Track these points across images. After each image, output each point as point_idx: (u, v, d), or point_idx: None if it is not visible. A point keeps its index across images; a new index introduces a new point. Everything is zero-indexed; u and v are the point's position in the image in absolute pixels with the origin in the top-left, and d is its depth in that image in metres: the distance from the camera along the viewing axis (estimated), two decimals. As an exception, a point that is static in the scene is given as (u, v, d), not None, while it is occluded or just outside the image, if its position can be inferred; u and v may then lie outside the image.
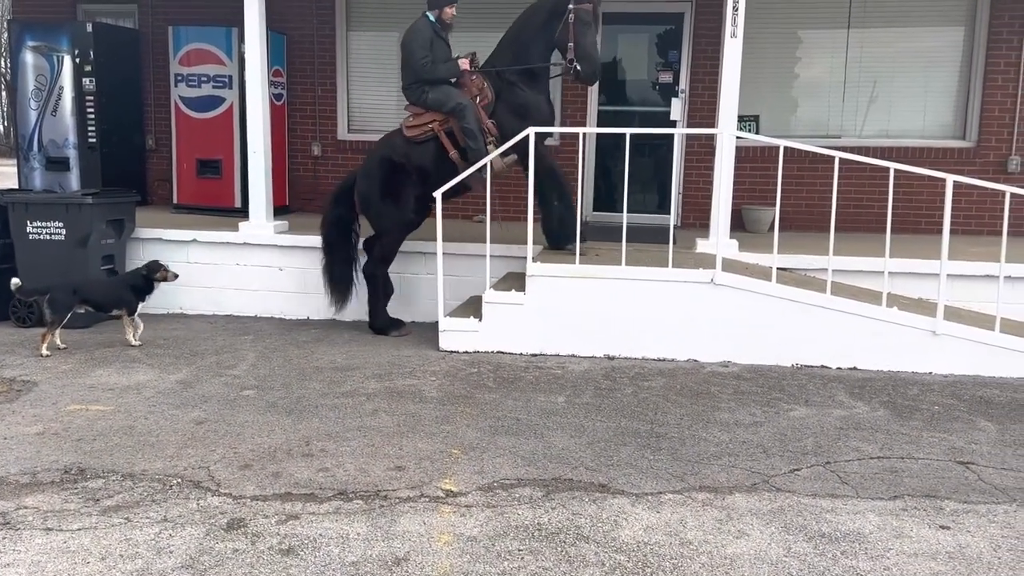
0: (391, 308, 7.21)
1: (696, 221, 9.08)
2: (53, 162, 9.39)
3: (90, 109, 9.32)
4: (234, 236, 7.81)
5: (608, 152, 9.19)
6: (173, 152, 9.49)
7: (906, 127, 9.11)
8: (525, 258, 6.49)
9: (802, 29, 9.20)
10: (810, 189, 8.96)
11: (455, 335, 6.48)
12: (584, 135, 6.48)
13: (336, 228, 7.13)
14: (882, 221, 6.27)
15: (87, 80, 9.25)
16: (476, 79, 6.75)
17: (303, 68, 9.84)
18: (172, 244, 7.88)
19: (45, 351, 6.22)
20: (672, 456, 4.38)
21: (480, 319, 6.46)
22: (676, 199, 9.00)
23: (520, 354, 6.41)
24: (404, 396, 5.34)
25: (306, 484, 3.94)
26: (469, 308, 6.83)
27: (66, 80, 9.27)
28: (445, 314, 6.63)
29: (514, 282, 6.72)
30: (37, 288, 6.50)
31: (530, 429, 4.75)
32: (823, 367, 6.16)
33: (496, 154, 6.45)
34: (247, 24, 7.59)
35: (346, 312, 7.64)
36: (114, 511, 3.64)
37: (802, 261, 6.99)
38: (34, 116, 9.37)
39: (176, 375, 5.76)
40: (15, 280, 6.39)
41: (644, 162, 9.30)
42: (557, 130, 6.55)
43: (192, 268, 7.39)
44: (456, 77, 6.76)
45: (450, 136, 6.70)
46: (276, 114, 9.18)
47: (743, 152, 8.64)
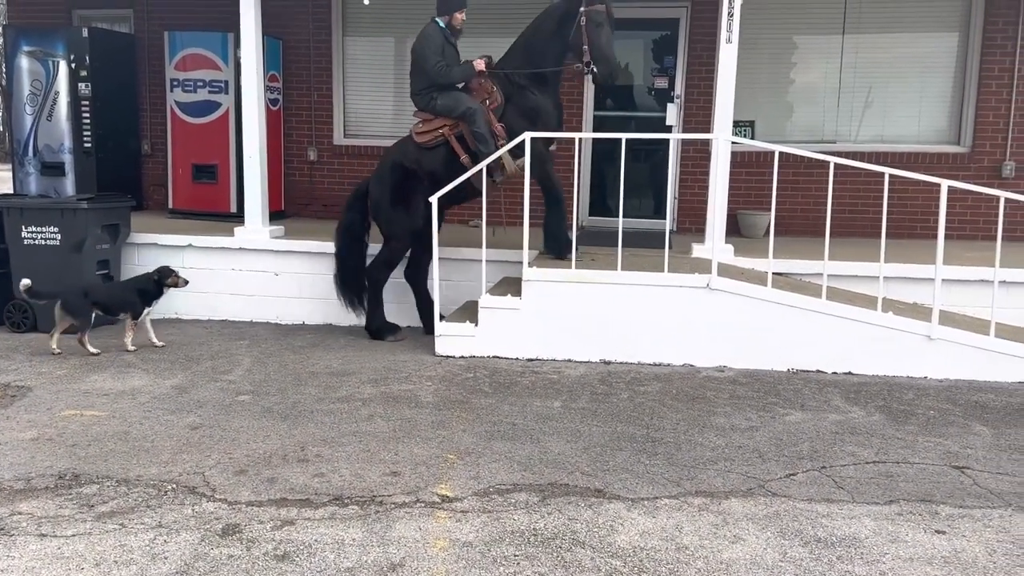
0: (389, 313, 7.21)
1: (692, 226, 9.09)
2: (48, 167, 9.38)
3: (85, 114, 9.31)
4: (230, 241, 7.80)
5: (604, 157, 9.20)
6: (169, 157, 9.49)
7: (901, 132, 9.14)
8: (521, 263, 6.49)
9: (797, 34, 9.23)
10: (805, 194, 8.98)
11: (451, 340, 6.48)
12: (580, 140, 6.48)
13: (348, 234, 7.12)
14: (877, 226, 6.29)
15: (83, 85, 9.25)
16: (485, 83, 6.75)
17: (299, 73, 9.84)
18: (168, 249, 7.87)
19: (93, 349, 6.36)
20: (668, 461, 4.38)
21: (476, 324, 6.45)
22: (672, 204, 9.02)
23: (516, 359, 6.40)
24: (400, 401, 5.34)
25: (301, 489, 3.93)
26: (465, 313, 6.83)
27: (62, 85, 9.26)
28: (441, 319, 6.63)
29: (510, 287, 6.72)
30: (48, 291, 6.51)
31: (526, 434, 4.74)
32: (819, 372, 6.16)
33: (501, 152, 6.40)
34: (243, 29, 7.59)
35: (342, 318, 7.64)
36: (109, 517, 3.63)
37: (798, 266, 7.00)
38: (29, 121, 9.36)
39: (171, 380, 5.75)
40: (25, 281, 6.40)
41: (640, 167, 9.31)
42: (554, 135, 6.55)
43: (187, 273, 7.37)
44: (471, 78, 6.75)
45: (460, 141, 6.69)
46: (272, 119, 9.18)
47: (739, 157, 8.66)
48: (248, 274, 7.80)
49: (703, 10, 8.92)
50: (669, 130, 8.82)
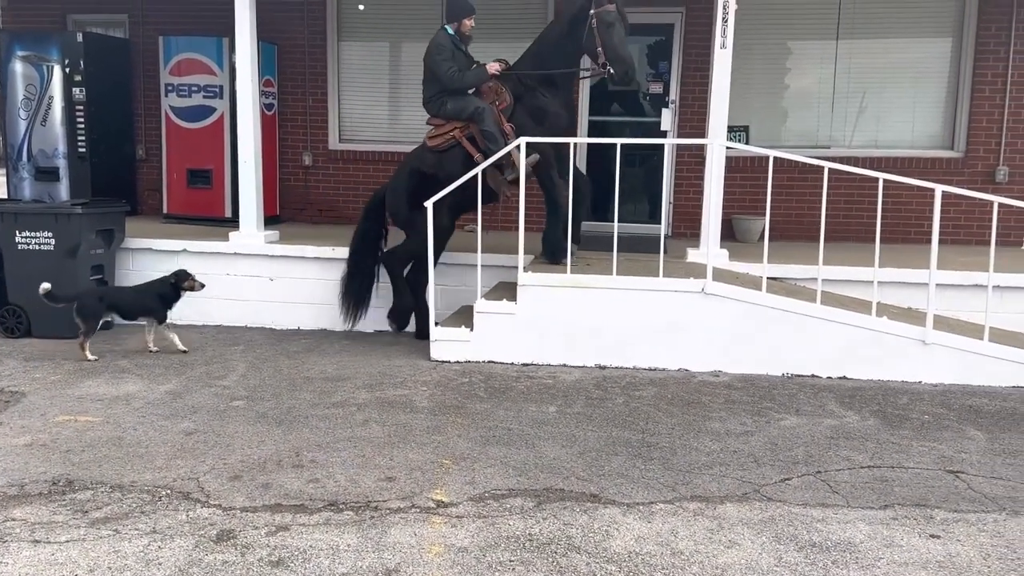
0: (383, 316, 7.20)
1: (687, 231, 9.11)
2: (42, 172, 9.35)
3: (80, 119, 9.30)
4: (224, 246, 7.79)
5: (599, 162, 9.21)
6: (163, 162, 9.47)
7: (895, 137, 9.17)
8: (516, 268, 6.49)
9: (792, 40, 9.26)
10: (800, 199, 9.00)
11: (446, 345, 6.48)
12: (575, 145, 6.48)
13: (363, 241, 7.13)
14: (871, 230, 6.30)
15: (77, 90, 9.24)
16: (493, 85, 6.77)
17: (294, 78, 9.84)
18: (162, 254, 7.85)
19: (91, 356, 6.37)
20: (663, 466, 4.38)
21: (471, 329, 6.45)
22: (667, 209, 9.03)
23: (511, 364, 6.40)
24: (395, 406, 5.33)
25: (296, 495, 3.93)
26: (460, 318, 6.83)
27: (56, 90, 9.25)
28: (436, 324, 6.63)
29: (505, 292, 6.73)
30: (67, 295, 6.57)
31: (521, 439, 4.74)
32: (813, 376, 6.17)
33: (509, 147, 6.40)
34: (238, 34, 7.59)
35: (337, 323, 7.64)
36: (102, 523, 3.62)
37: (792, 271, 7.02)
38: (23, 126, 9.34)
39: (165, 386, 5.74)
40: (45, 285, 6.43)
41: (635, 172, 9.32)
42: (548, 140, 6.55)
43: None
44: (485, 81, 6.75)
45: (472, 142, 6.71)
46: (267, 124, 9.17)
47: (733, 162, 8.67)
48: (243, 279, 7.79)
49: (698, 16, 8.95)
50: (664, 135, 8.84)
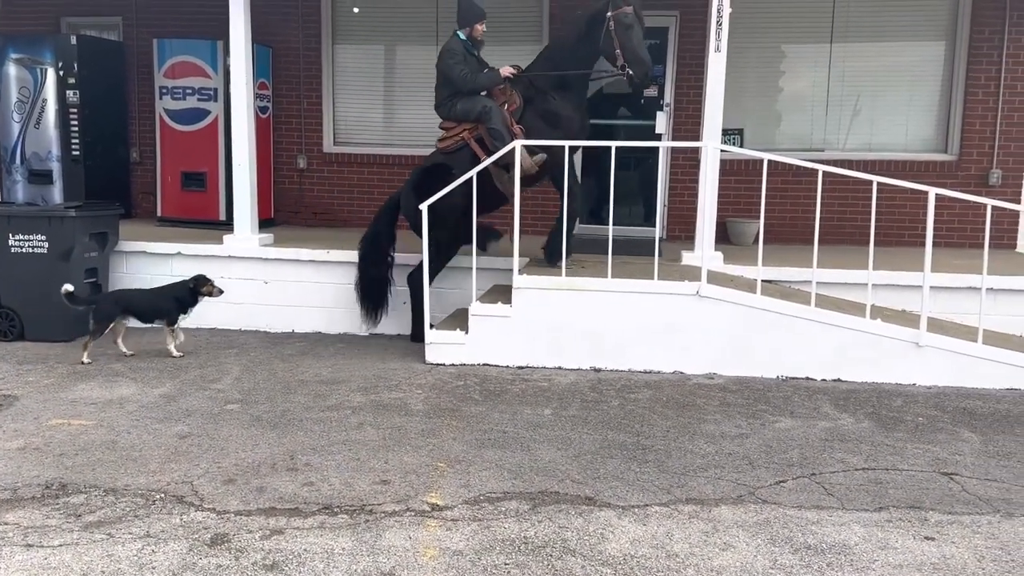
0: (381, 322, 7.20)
1: (682, 234, 9.12)
2: (36, 175, 9.32)
3: (74, 122, 9.27)
4: (219, 249, 7.78)
5: (593, 165, 9.22)
6: (157, 165, 9.45)
7: (889, 140, 9.20)
8: (511, 271, 6.49)
9: (786, 44, 9.28)
10: (794, 202, 9.02)
11: (441, 348, 6.47)
12: (569, 148, 6.49)
13: (372, 244, 7.13)
14: (865, 233, 6.32)
15: (71, 92, 9.21)
16: (504, 87, 6.76)
17: (288, 81, 9.84)
18: (156, 257, 7.84)
19: (86, 359, 6.38)
20: (658, 468, 4.38)
21: (466, 332, 6.44)
22: (661, 212, 9.04)
23: (507, 366, 6.40)
24: (390, 409, 5.32)
25: (291, 499, 3.91)
26: (455, 321, 6.82)
27: (49, 92, 9.22)
28: (431, 327, 6.62)
29: (500, 295, 6.72)
30: (86, 298, 6.71)
31: (516, 442, 4.73)
32: (808, 379, 6.18)
33: (504, 151, 6.37)
34: (232, 37, 7.58)
35: (331, 326, 7.63)
36: (96, 527, 3.60)
37: (787, 273, 7.03)
38: (17, 129, 9.31)
39: (159, 389, 5.72)
40: (68, 286, 6.46)
41: (630, 175, 9.33)
42: (542, 143, 6.55)
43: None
44: (498, 84, 6.74)
45: (480, 143, 6.71)
46: (261, 127, 9.16)
47: (728, 165, 8.68)
48: (237, 282, 7.76)
49: (692, 19, 8.96)
50: (658, 138, 8.85)
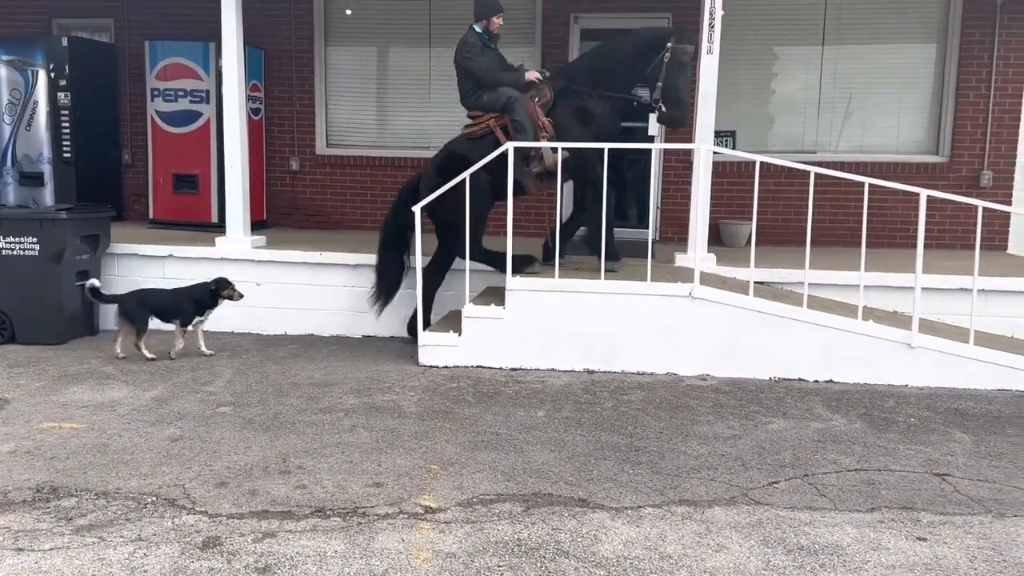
0: (377, 321, 7.17)
1: (675, 235, 9.13)
2: (27, 177, 9.29)
3: (65, 124, 9.24)
4: (211, 251, 7.75)
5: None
6: (149, 167, 9.43)
7: (880, 142, 9.23)
8: (504, 272, 6.49)
9: (778, 46, 9.31)
10: (786, 204, 9.04)
11: (435, 350, 6.46)
12: (561, 149, 6.49)
13: (393, 227, 7.07)
14: (857, 235, 6.34)
15: (62, 94, 9.18)
16: (535, 79, 6.72)
17: (281, 83, 9.82)
18: (148, 259, 7.81)
19: (148, 354, 6.52)
20: (652, 470, 4.38)
21: (460, 334, 6.44)
22: (654, 214, 9.05)
23: (500, 368, 6.39)
24: (383, 412, 5.31)
25: (283, 501, 3.90)
26: (449, 323, 6.82)
27: (41, 94, 9.19)
28: (424, 328, 6.62)
29: (494, 296, 6.72)
30: (109, 296, 6.80)
31: (510, 444, 4.73)
32: (800, 380, 6.19)
33: (498, 152, 6.36)
34: (224, 38, 7.56)
35: (324, 328, 7.61)
36: (87, 530, 3.58)
37: (779, 275, 7.04)
38: (8, 131, 9.28)
39: (151, 392, 5.70)
40: (94, 281, 6.56)
41: (623, 177, 9.32)
42: (534, 145, 6.55)
43: (168, 284, 7.32)
44: (521, 86, 6.70)
45: (506, 131, 6.66)
46: (254, 129, 9.14)
47: (720, 167, 8.71)
48: (229, 284, 7.74)
49: (684, 21, 8.95)
50: (651, 140, 8.85)
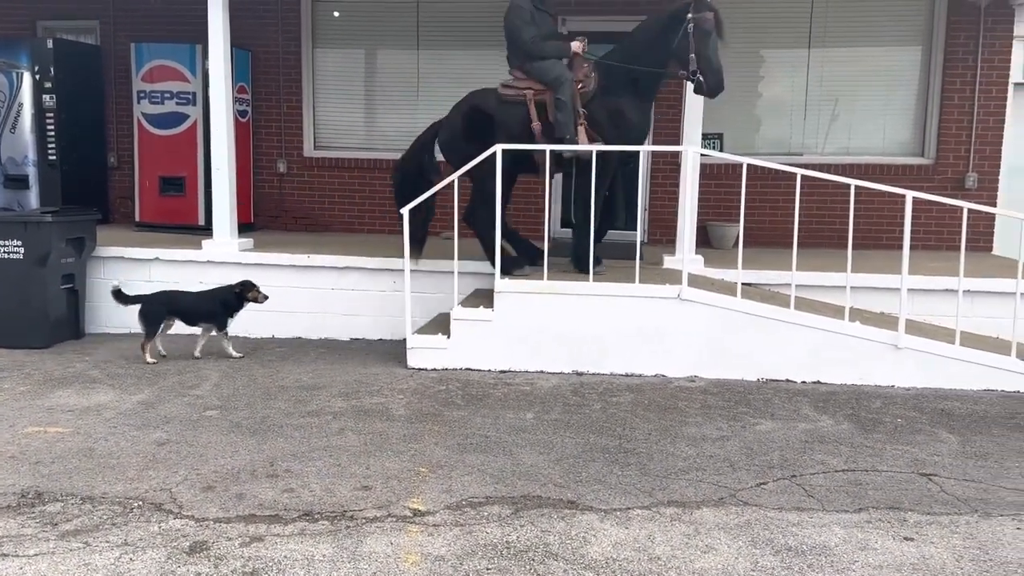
0: (363, 326, 7.14)
1: (663, 237, 9.15)
2: (12, 180, 9.23)
3: (50, 126, 9.19)
4: (197, 254, 7.72)
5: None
6: (135, 169, 9.37)
7: (866, 144, 9.29)
8: (493, 275, 6.48)
9: (764, 48, 9.35)
10: (774, 205, 9.08)
11: (423, 352, 6.45)
12: (549, 152, 6.50)
13: (411, 163, 7.09)
14: (844, 237, 6.37)
15: (47, 97, 9.13)
16: (586, 67, 6.63)
17: (268, 85, 9.79)
18: (134, 262, 7.76)
19: (149, 358, 6.54)
20: (640, 471, 4.39)
21: (448, 336, 6.43)
22: (642, 216, 9.06)
23: (489, 371, 6.39)
24: (371, 415, 5.29)
25: (270, 505, 3.88)
26: (437, 325, 6.80)
27: (25, 97, 9.13)
28: (413, 331, 6.60)
29: (482, 299, 6.71)
30: (132, 297, 6.74)
31: (499, 446, 4.72)
32: (788, 381, 6.21)
33: (486, 155, 6.34)
34: (211, 40, 7.53)
35: (313, 330, 7.58)
36: (72, 535, 3.55)
37: (766, 276, 7.07)
38: (-8, 133, 9.22)
39: (137, 396, 5.66)
40: (116, 282, 6.59)
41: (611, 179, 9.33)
42: (522, 147, 6.54)
43: (154, 287, 7.28)
44: (564, 57, 6.63)
45: (539, 109, 6.60)
46: (241, 131, 9.11)
47: (708, 169, 8.73)
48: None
49: (672, 24, 8.99)
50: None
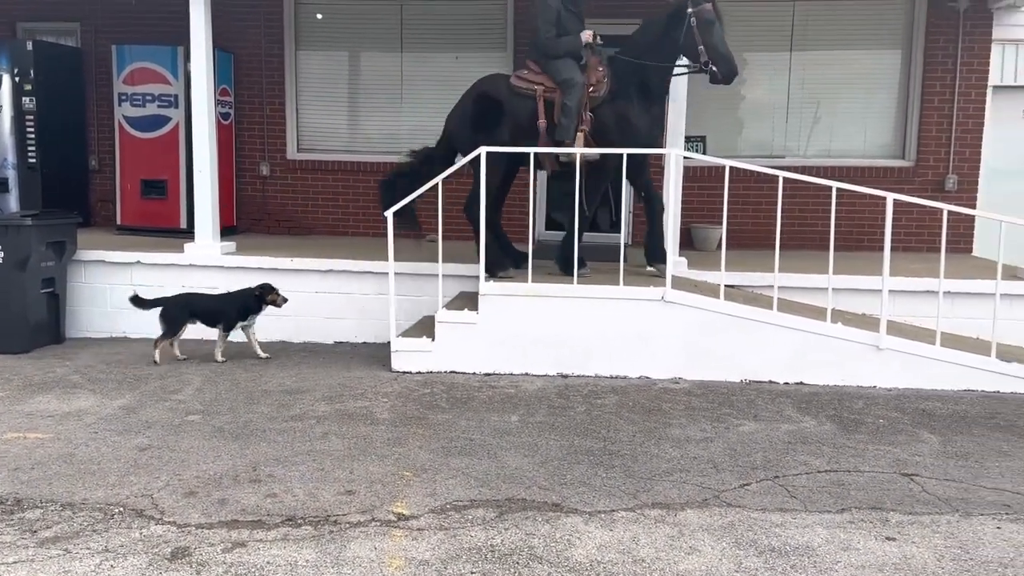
0: (343, 329, 7.12)
1: (646, 240, 9.17)
2: (-9, 183, 9.16)
3: (30, 129, 9.11)
4: (179, 257, 7.67)
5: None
6: (117, 172, 9.31)
7: (848, 147, 9.36)
8: (477, 277, 6.48)
9: (746, 51, 9.38)
10: (756, 208, 9.13)
11: (407, 355, 6.44)
12: (534, 155, 6.50)
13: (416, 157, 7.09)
14: (826, 238, 6.41)
15: (27, 99, 9.06)
16: (601, 70, 6.65)
17: (251, 87, 9.75)
18: (115, 266, 7.70)
19: (158, 358, 6.57)
20: (625, 473, 4.39)
21: (433, 339, 6.42)
22: (627, 218, 9.09)
23: (473, 373, 6.38)
24: (355, 418, 5.27)
25: (253, 510, 3.86)
26: (422, 328, 6.79)
27: (5, 99, 9.06)
28: (397, 334, 6.59)
29: (467, 302, 6.71)
30: (152, 301, 6.77)
31: (483, 449, 4.72)
32: (771, 382, 6.24)
33: (469, 159, 6.34)
34: (193, 42, 7.49)
35: (297, 334, 7.55)
36: (52, 542, 3.52)
37: (749, 278, 7.11)
38: (-29, 136, 9.13)
39: (119, 400, 5.61)
40: (135, 291, 6.68)
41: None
42: (509, 150, 6.55)
43: (136, 291, 7.22)
44: (577, 51, 6.64)
45: (547, 107, 6.61)
46: (223, 133, 9.07)
47: (691, 172, 8.77)
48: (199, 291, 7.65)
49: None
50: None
